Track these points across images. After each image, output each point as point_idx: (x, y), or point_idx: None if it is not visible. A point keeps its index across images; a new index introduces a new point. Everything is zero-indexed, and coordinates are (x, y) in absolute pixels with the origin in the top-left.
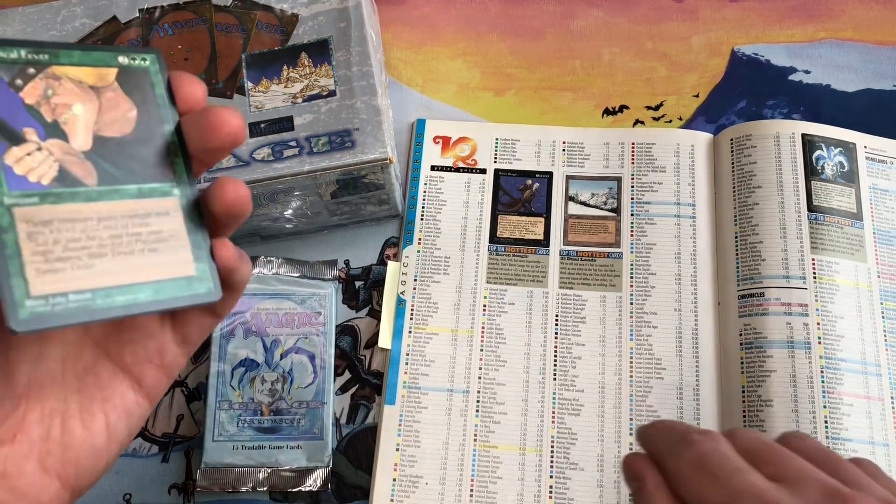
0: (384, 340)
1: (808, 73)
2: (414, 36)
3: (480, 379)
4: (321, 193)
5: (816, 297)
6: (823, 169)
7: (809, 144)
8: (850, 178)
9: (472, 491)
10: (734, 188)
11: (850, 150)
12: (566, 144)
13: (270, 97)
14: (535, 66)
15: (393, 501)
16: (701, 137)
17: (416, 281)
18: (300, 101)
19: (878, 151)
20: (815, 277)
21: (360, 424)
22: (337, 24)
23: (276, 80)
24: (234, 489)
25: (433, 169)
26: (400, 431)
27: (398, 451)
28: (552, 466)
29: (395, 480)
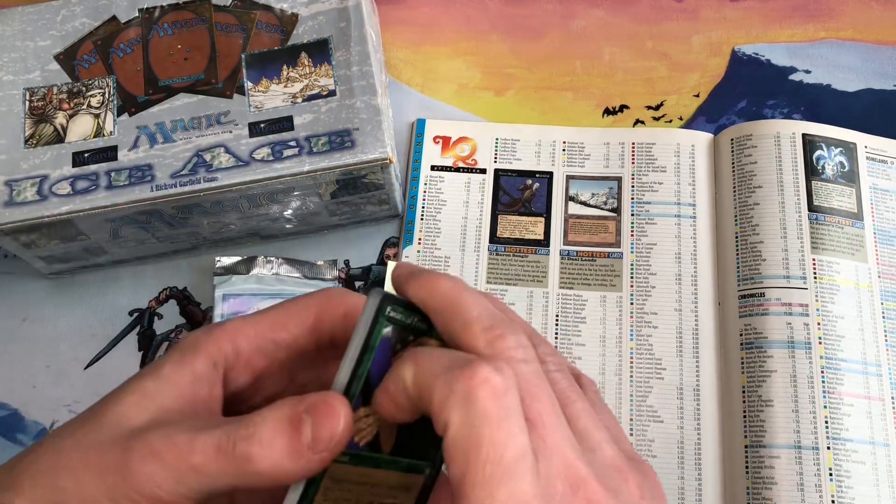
0: None
1: (808, 72)
2: (414, 36)
3: None
4: (321, 193)
5: (817, 297)
6: (824, 169)
7: (810, 144)
8: (850, 177)
9: None
10: (734, 188)
11: (850, 149)
12: (566, 144)
13: (270, 97)
14: (535, 65)
15: None
16: (701, 137)
17: None
18: (300, 100)
19: (878, 151)
20: (815, 277)
21: None
22: (337, 23)
23: (275, 79)
24: None
25: (433, 169)
26: None
27: None
28: None
29: None
